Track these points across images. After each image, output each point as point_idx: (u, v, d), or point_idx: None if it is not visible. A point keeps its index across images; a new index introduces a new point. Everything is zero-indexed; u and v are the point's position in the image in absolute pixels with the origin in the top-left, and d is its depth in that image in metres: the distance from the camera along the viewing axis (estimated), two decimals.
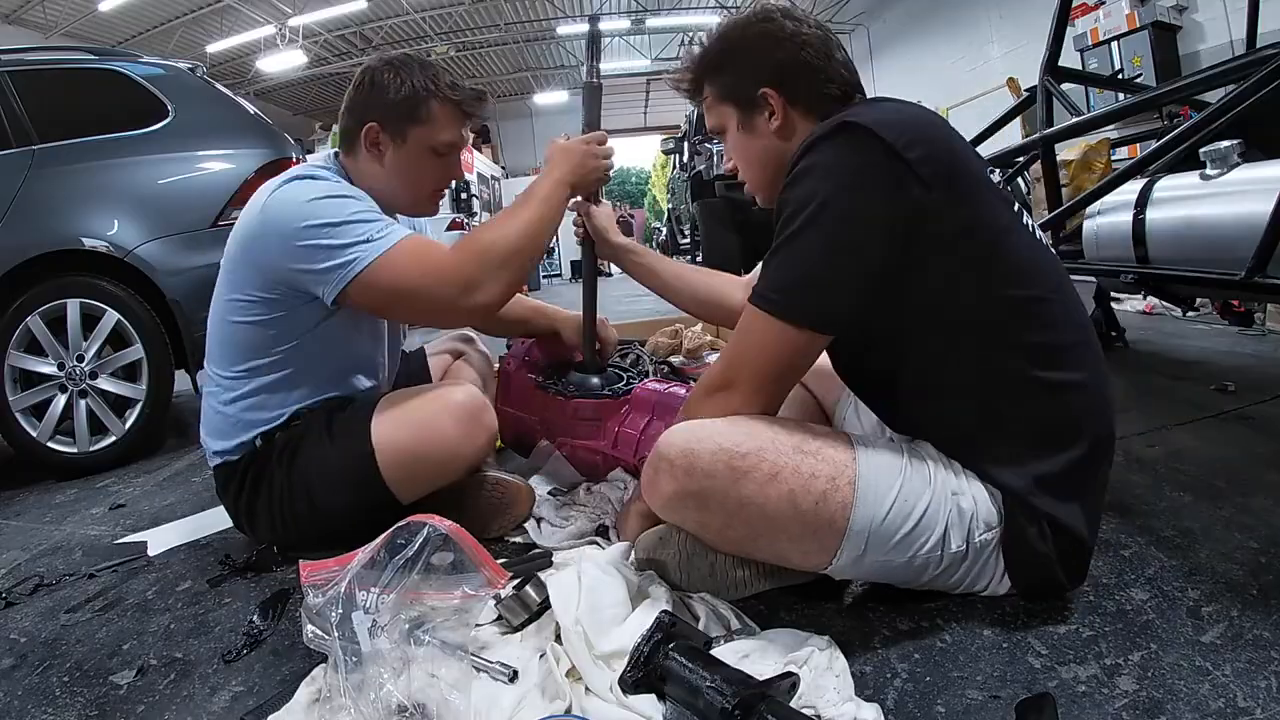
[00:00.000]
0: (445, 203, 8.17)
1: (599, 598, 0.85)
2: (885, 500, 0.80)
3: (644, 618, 0.80)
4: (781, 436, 0.82)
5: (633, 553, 0.99)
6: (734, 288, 1.30)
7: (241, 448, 1.20)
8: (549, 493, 1.37)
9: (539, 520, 1.26)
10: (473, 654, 0.82)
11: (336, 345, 1.22)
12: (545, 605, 0.90)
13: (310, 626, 0.85)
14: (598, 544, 1.15)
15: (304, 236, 1.06)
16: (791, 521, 0.80)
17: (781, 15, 0.93)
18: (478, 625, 0.90)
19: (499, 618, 0.91)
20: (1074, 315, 0.86)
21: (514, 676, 0.79)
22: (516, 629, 0.90)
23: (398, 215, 1.29)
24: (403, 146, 1.20)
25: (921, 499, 0.81)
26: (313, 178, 1.15)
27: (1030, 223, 0.88)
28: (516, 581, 0.94)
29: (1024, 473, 0.82)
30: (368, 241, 1.06)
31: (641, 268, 1.35)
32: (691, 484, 0.82)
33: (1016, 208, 0.86)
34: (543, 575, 0.98)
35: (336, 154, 1.26)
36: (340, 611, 0.79)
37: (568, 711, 0.71)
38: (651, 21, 11.79)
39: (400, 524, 0.91)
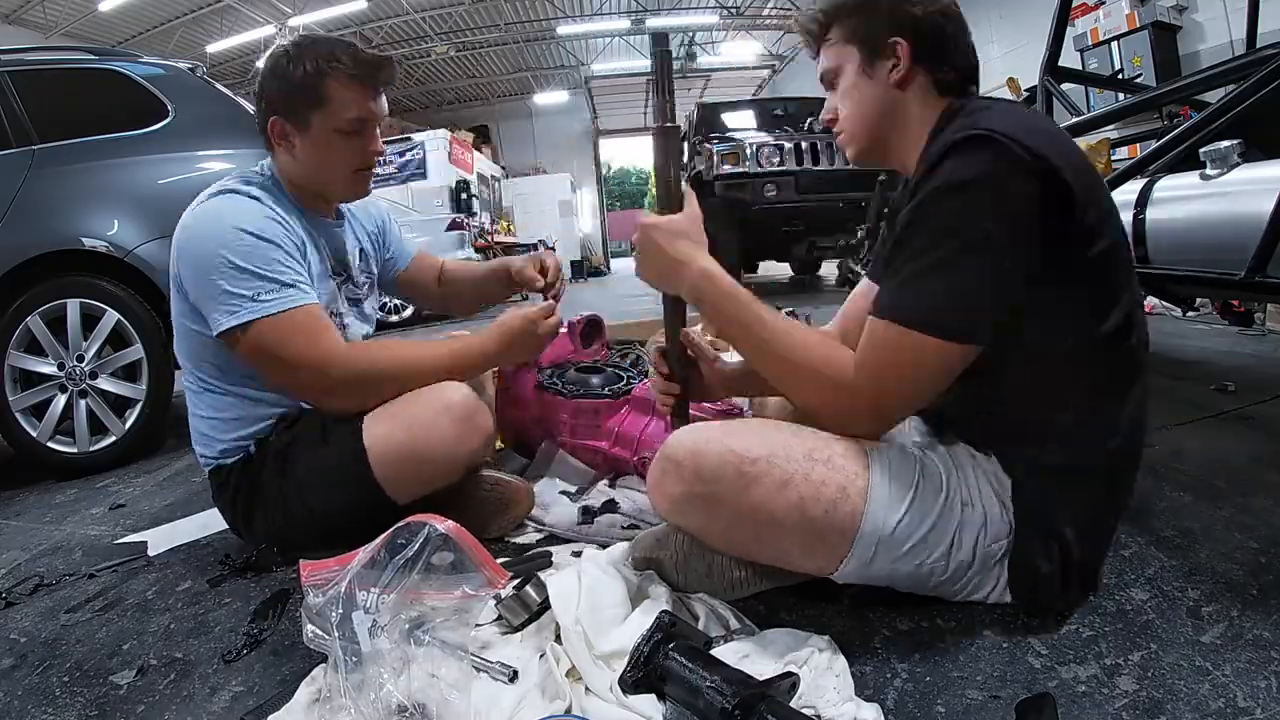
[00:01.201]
0: (444, 202, 8.07)
1: (599, 598, 0.85)
2: (896, 510, 0.79)
3: (644, 618, 0.80)
4: (793, 442, 0.81)
5: (630, 553, 0.99)
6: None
7: (229, 452, 1.20)
8: (560, 493, 1.37)
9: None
10: (473, 654, 0.82)
11: None
12: (545, 605, 0.90)
13: (310, 626, 0.85)
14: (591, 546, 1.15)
15: (212, 267, 1.07)
16: (799, 529, 0.79)
17: None
18: (478, 625, 0.90)
19: (499, 618, 0.91)
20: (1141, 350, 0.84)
21: (514, 676, 0.79)
22: (516, 629, 0.90)
23: (342, 204, 1.32)
24: (308, 134, 1.16)
25: (933, 509, 0.80)
26: (239, 194, 1.14)
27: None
28: (516, 581, 0.94)
29: (1052, 491, 0.81)
30: (254, 300, 1.06)
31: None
32: (699, 487, 0.81)
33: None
34: (543, 575, 0.98)
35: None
36: (340, 611, 0.79)
37: (568, 711, 0.71)
38: (651, 21, 11.77)
39: (400, 524, 0.91)
